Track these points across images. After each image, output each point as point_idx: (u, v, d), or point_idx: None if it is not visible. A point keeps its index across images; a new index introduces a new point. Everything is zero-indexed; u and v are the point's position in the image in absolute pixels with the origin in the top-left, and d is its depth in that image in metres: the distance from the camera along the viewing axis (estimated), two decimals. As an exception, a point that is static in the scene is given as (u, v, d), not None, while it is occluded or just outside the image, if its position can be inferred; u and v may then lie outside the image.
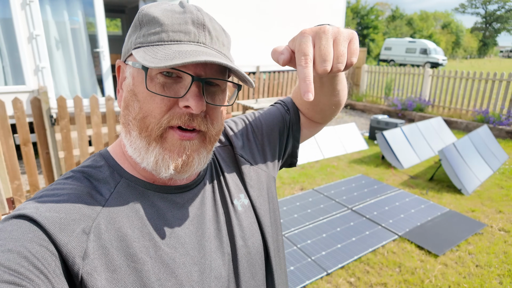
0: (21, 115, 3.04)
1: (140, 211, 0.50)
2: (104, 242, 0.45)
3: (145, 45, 0.48)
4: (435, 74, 7.38)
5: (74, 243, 0.42)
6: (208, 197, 0.59)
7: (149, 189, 0.52)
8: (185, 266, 0.49)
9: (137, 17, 0.51)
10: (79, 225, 0.44)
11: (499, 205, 3.40)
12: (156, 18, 0.48)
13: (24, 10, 4.24)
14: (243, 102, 6.05)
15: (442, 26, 49.83)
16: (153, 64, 0.43)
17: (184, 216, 0.53)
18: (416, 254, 2.58)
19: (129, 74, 0.51)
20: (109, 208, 0.48)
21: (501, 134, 5.96)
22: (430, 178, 4.08)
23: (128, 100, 0.50)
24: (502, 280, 2.30)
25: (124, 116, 0.51)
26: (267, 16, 7.39)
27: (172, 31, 0.48)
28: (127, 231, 0.47)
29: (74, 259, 0.42)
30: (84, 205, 0.46)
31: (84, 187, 0.49)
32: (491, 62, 38.28)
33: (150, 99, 0.47)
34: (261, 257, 0.62)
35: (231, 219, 0.59)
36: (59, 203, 0.45)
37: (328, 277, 2.33)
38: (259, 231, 0.63)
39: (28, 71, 4.40)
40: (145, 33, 0.49)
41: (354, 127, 5.61)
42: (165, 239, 0.49)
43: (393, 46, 25.89)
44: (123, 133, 0.52)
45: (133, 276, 0.45)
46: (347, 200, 3.46)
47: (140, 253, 0.46)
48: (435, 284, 2.26)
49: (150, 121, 0.48)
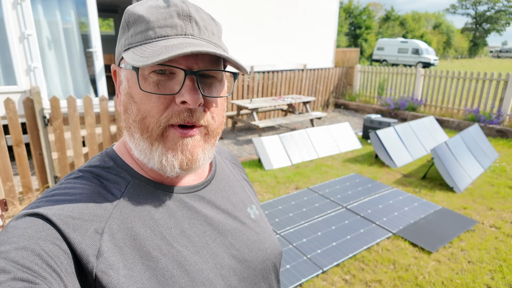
0: (14, 115, 3.01)
1: (152, 210, 0.50)
2: (118, 242, 0.45)
3: (133, 45, 0.48)
4: (427, 74, 7.47)
5: (87, 242, 0.43)
6: (218, 200, 0.59)
7: (159, 189, 0.53)
8: (196, 264, 0.50)
9: (124, 18, 0.51)
10: (92, 225, 0.44)
11: (490, 202, 3.46)
12: (142, 16, 0.47)
13: (16, 10, 4.19)
14: (237, 102, 6.05)
15: (434, 27, 50.43)
16: (140, 63, 0.43)
17: (194, 216, 0.54)
18: (410, 251, 2.62)
19: (124, 77, 0.51)
20: (121, 208, 0.48)
21: (491, 132, 6.06)
22: (423, 176, 4.14)
23: (126, 103, 0.50)
24: (493, 276, 2.34)
25: (125, 120, 0.51)
26: (261, 16, 7.41)
27: (158, 27, 0.47)
28: (139, 230, 0.48)
29: (88, 257, 0.42)
30: (96, 205, 0.47)
31: (95, 187, 0.49)
32: (482, 62, 38.85)
33: (146, 99, 0.47)
34: (274, 263, 0.63)
35: (245, 224, 0.61)
36: (72, 202, 0.45)
37: (324, 275, 2.35)
38: (275, 237, 0.67)
39: (19, 71, 4.35)
40: (132, 33, 0.49)
41: (348, 126, 5.66)
42: (176, 238, 0.50)
43: (386, 46, 26.12)
44: (127, 136, 0.52)
45: (148, 273, 0.45)
46: (342, 198, 3.49)
47: (154, 251, 0.47)
48: (428, 280, 2.30)
49: (149, 121, 0.48)
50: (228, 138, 6.03)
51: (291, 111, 7.02)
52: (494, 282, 2.27)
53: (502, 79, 6.22)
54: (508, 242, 2.73)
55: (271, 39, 7.71)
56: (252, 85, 6.99)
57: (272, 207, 3.31)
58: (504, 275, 2.34)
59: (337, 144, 5.28)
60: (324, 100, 8.78)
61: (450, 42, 49.29)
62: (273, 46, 7.80)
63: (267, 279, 0.61)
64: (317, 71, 8.28)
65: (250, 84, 6.97)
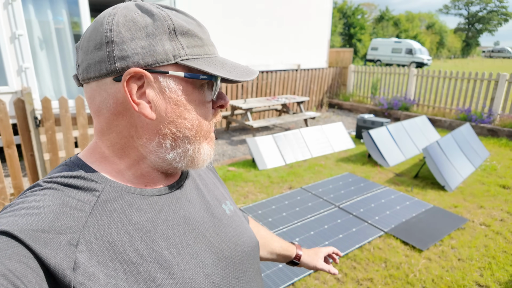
0: (4, 116, 2.98)
1: (128, 215, 0.50)
2: (95, 251, 0.44)
3: (194, 57, 0.50)
4: (419, 73, 7.54)
5: (62, 255, 0.41)
6: (194, 199, 0.60)
7: (133, 193, 0.52)
8: (179, 265, 0.50)
9: (165, 24, 0.48)
10: (65, 237, 0.42)
11: (481, 200, 3.51)
12: (192, 31, 0.51)
13: (6, 10, 4.15)
14: (231, 102, 6.06)
15: (427, 27, 50.86)
16: (242, 78, 0.51)
17: (172, 217, 0.54)
18: (401, 250, 2.65)
19: (174, 84, 0.50)
20: (96, 216, 0.47)
21: (483, 132, 6.14)
22: (415, 175, 4.18)
23: (174, 110, 0.51)
24: (482, 273, 2.38)
25: (164, 127, 0.51)
26: (254, 17, 7.41)
27: (209, 44, 0.53)
28: (117, 237, 0.47)
29: (64, 271, 0.40)
30: (67, 215, 0.45)
31: (64, 197, 0.47)
32: (474, 62, 39.27)
33: (203, 105, 0.54)
34: (253, 256, 0.64)
35: (221, 220, 0.62)
36: (40, 215, 0.43)
37: (316, 274, 2.37)
38: (251, 230, 0.68)
39: (11, 72, 4.31)
40: (187, 45, 0.50)
41: (341, 126, 5.69)
42: (156, 241, 0.50)
43: (380, 46, 26.29)
44: (156, 143, 0.52)
45: (131, 279, 0.45)
46: (335, 198, 3.51)
47: (134, 256, 0.46)
48: (419, 278, 2.32)
49: (205, 124, 0.55)
50: (222, 138, 6.03)
51: (285, 111, 7.04)
52: (483, 279, 2.31)
53: (493, 79, 6.30)
54: (497, 240, 2.77)
55: (265, 40, 7.73)
56: (246, 85, 6.99)
57: (265, 206, 3.32)
58: (493, 272, 2.37)
59: (331, 144, 5.31)
60: (318, 100, 8.82)
61: (443, 42, 49.77)
62: (267, 46, 7.82)
63: (248, 272, 0.62)
64: (311, 71, 8.31)
65: (244, 84, 6.97)
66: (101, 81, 0.49)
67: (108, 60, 0.47)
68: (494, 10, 54.01)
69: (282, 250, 0.90)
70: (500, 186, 3.89)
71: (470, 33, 57.36)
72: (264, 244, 0.88)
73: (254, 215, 3.14)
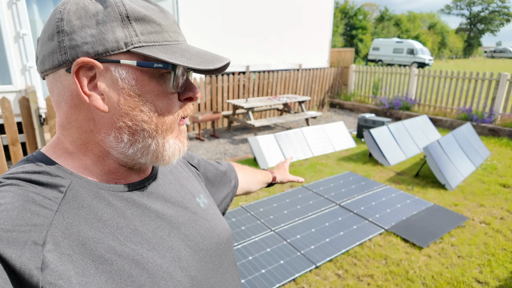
0: (9, 114, 3.02)
1: (98, 212, 0.47)
2: (64, 250, 0.42)
3: (150, 44, 0.46)
4: (421, 73, 7.56)
5: (27, 255, 0.38)
6: (167, 194, 0.59)
7: (102, 189, 0.50)
8: (153, 260, 0.49)
9: (117, 10, 0.45)
10: (30, 236, 0.40)
11: (481, 199, 3.53)
12: (149, 17, 0.47)
13: (11, 9, 4.20)
14: (233, 102, 6.09)
15: (429, 27, 50.79)
16: (203, 67, 0.46)
17: (144, 212, 0.52)
18: (402, 247, 2.67)
19: (126, 74, 0.46)
20: (63, 213, 0.44)
21: (483, 131, 6.15)
22: (415, 174, 4.20)
23: (128, 102, 0.47)
24: (482, 270, 2.40)
25: (118, 120, 0.48)
26: (257, 17, 7.44)
27: (171, 31, 0.49)
28: (88, 234, 0.44)
29: (30, 271, 0.38)
30: (32, 213, 0.42)
31: (27, 194, 0.44)
32: (476, 62, 39.20)
33: (164, 97, 0.49)
34: (228, 247, 0.65)
35: (196, 213, 0.61)
36: (1, 213, 0.40)
37: (317, 270, 2.40)
38: (225, 221, 0.69)
39: (15, 71, 4.35)
40: (142, 31, 0.46)
41: (343, 125, 5.72)
42: (129, 237, 0.48)
43: (381, 47, 26.27)
44: (113, 137, 0.49)
45: (104, 276, 0.43)
46: (335, 196, 3.54)
47: (107, 253, 0.44)
48: (419, 275, 2.35)
49: (168, 117, 0.51)
50: (224, 137, 6.06)
51: (286, 111, 7.07)
52: (483, 276, 2.33)
53: (494, 78, 6.32)
54: (497, 238, 2.80)
55: (266, 39, 7.76)
56: (247, 85, 7.03)
57: (267, 204, 3.35)
58: (492, 269, 2.40)
59: (332, 143, 5.34)
60: (319, 100, 8.84)
61: (445, 42, 49.68)
62: (269, 46, 7.85)
63: (223, 263, 0.63)
64: (312, 71, 8.34)
65: (246, 84, 7.01)
66: (56, 73, 0.47)
67: (59, 50, 0.45)
68: (496, 10, 53.89)
69: (265, 179, 1.07)
70: (500, 185, 3.90)
71: (472, 34, 57.25)
72: (254, 180, 1.02)
73: (255, 213, 3.17)
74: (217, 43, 6.98)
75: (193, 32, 6.52)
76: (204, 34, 6.73)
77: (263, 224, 2.97)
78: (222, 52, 7.10)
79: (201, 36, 6.68)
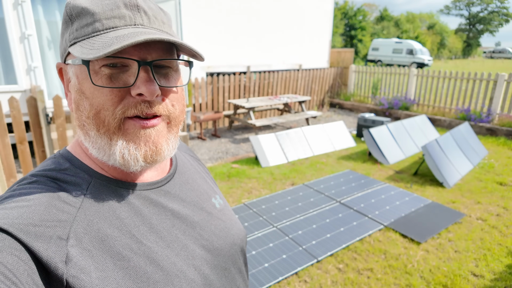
0: (17, 113, 3.09)
1: (117, 210, 0.50)
2: (85, 245, 0.44)
3: (80, 39, 0.46)
4: (420, 74, 7.64)
5: (53, 249, 0.41)
6: (184, 194, 0.60)
7: (121, 187, 0.52)
8: (168, 258, 0.50)
9: (65, 12, 0.48)
10: (55, 231, 0.42)
11: (478, 196, 3.61)
12: (86, 9, 0.46)
13: (16, 10, 4.26)
14: (234, 101, 6.16)
15: (428, 27, 50.92)
16: (91, 56, 0.42)
17: (161, 211, 0.54)
18: (400, 242, 2.75)
19: (73, 74, 0.49)
20: (85, 211, 0.47)
21: (481, 131, 6.23)
22: (414, 172, 4.28)
23: (78, 100, 0.48)
24: (478, 264, 2.48)
25: (78, 118, 0.49)
26: (257, 17, 7.52)
27: (105, 18, 0.46)
28: (107, 231, 0.47)
29: (56, 264, 0.41)
30: (57, 209, 0.45)
31: (53, 191, 0.47)
32: (475, 62, 39.32)
33: (99, 93, 0.46)
34: (241, 247, 0.66)
35: (211, 214, 0.62)
36: (30, 208, 0.43)
37: (319, 264, 2.47)
38: (240, 223, 0.70)
39: (20, 71, 4.42)
40: (77, 27, 0.47)
41: (342, 125, 5.79)
42: (145, 235, 0.50)
43: (380, 47, 26.36)
44: (82, 136, 0.51)
45: (121, 272, 0.45)
46: (336, 193, 3.61)
47: (124, 250, 0.46)
48: (417, 268, 2.43)
49: (104, 114, 0.46)
50: (225, 137, 6.14)
51: (287, 110, 7.15)
52: (479, 269, 2.41)
53: (492, 79, 6.40)
54: (493, 233, 2.88)
55: (267, 40, 7.83)
56: (248, 84, 7.10)
57: (269, 202, 3.43)
58: (488, 263, 2.48)
59: (332, 142, 5.42)
60: (319, 100, 8.92)
61: (444, 42, 49.79)
62: (269, 47, 7.93)
63: (236, 263, 0.64)
64: (312, 71, 8.42)
65: (247, 84, 7.08)
66: None
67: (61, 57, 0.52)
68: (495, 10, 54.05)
69: None
70: (497, 183, 3.98)
71: (471, 34, 57.40)
72: None
73: (258, 209, 3.25)
74: (218, 42, 7.06)
75: (194, 33, 6.60)
76: (205, 34, 6.81)
77: (265, 221, 3.05)
78: (223, 52, 7.19)
79: (202, 36, 6.76)
